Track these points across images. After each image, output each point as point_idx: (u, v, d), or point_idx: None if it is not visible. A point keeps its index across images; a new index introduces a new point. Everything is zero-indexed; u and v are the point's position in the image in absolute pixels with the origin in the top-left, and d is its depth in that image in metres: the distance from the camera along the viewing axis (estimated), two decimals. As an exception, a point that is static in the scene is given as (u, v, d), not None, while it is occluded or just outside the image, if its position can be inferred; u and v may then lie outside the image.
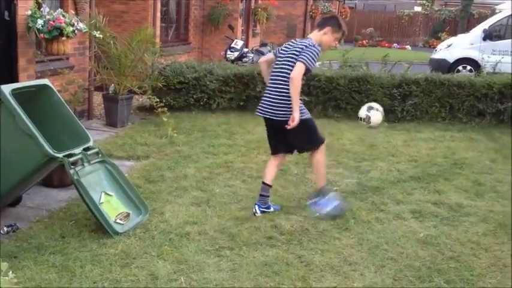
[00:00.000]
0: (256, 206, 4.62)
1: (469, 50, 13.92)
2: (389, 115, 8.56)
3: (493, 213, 4.88)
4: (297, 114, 4.27)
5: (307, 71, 4.35)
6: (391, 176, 5.84)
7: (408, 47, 27.49)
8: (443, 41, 19.55)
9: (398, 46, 27.54)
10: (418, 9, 33.36)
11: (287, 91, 4.34)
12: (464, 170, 6.15)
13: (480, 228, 4.52)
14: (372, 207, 4.90)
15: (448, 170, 6.14)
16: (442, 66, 13.54)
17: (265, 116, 4.53)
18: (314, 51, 4.34)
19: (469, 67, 13.61)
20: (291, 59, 4.40)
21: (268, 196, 4.65)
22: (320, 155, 4.65)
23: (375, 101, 8.47)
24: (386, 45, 27.51)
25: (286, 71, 4.39)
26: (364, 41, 27.84)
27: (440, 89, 8.55)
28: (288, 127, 4.29)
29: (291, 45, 4.51)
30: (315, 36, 4.56)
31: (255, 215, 4.56)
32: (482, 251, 4.10)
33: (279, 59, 4.53)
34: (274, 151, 4.75)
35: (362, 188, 5.41)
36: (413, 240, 4.24)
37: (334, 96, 8.65)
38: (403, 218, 4.68)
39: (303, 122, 4.39)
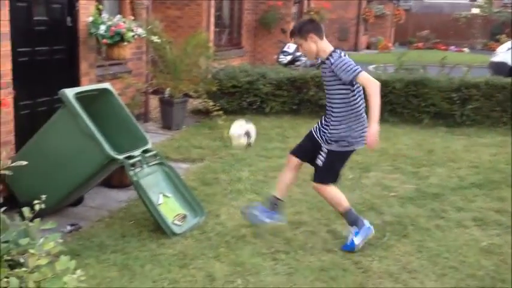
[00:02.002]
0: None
1: (531, 52, 13.35)
2: (448, 119, 8.33)
3: (561, 222, 4.64)
4: None
5: None
6: (451, 182, 5.66)
7: (466, 49, 26.70)
8: (502, 43, 18.87)
9: (455, 49, 26.79)
10: (475, 11, 32.33)
11: None
12: (529, 177, 5.89)
13: (547, 238, 4.31)
14: (432, 214, 4.76)
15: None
16: (502, 69, 13.02)
17: None
18: None
19: (530, 70, 13.05)
20: None
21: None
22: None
23: (433, 105, 8.30)
24: (443, 47, 26.82)
25: None
26: (419, 44, 27.26)
27: (501, 93, 8.24)
28: None
29: None
30: None
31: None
32: (550, 262, 3.91)
33: None
34: None
35: (421, 194, 5.27)
36: (476, 249, 4.09)
37: (389, 100, 8.47)
38: (465, 226, 4.52)
39: None
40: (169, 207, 4.27)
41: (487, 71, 13.37)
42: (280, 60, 11.66)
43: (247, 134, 4.27)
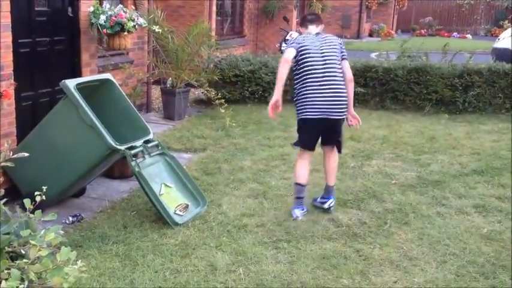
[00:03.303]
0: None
1: (535, 38, 13.23)
2: (450, 106, 8.32)
3: (562, 209, 4.64)
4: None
5: None
6: (452, 169, 5.67)
7: (469, 36, 26.52)
8: (506, 29, 18.72)
9: (458, 35, 26.62)
10: (479, -4, 32.03)
11: (345, 88, 4.30)
12: (531, 164, 5.88)
13: (549, 225, 4.32)
14: (433, 202, 4.78)
15: (513, 163, 5.89)
16: (505, 55, 12.90)
17: (341, 117, 4.31)
18: None
19: (534, 56, 12.94)
20: (337, 55, 4.29)
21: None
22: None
23: (435, 92, 8.28)
24: (446, 34, 26.65)
25: (338, 67, 4.28)
26: (422, 31, 27.08)
27: (504, 79, 8.21)
28: (354, 124, 4.49)
29: (324, 39, 4.34)
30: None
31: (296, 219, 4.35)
32: (551, 248, 3.92)
33: (325, 53, 4.24)
34: (313, 148, 4.54)
35: (422, 181, 5.28)
36: (477, 236, 4.10)
37: (391, 87, 8.47)
38: (466, 213, 4.54)
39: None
40: (171, 197, 4.29)
41: (490, 57, 13.30)
42: (282, 48, 11.62)
43: None
